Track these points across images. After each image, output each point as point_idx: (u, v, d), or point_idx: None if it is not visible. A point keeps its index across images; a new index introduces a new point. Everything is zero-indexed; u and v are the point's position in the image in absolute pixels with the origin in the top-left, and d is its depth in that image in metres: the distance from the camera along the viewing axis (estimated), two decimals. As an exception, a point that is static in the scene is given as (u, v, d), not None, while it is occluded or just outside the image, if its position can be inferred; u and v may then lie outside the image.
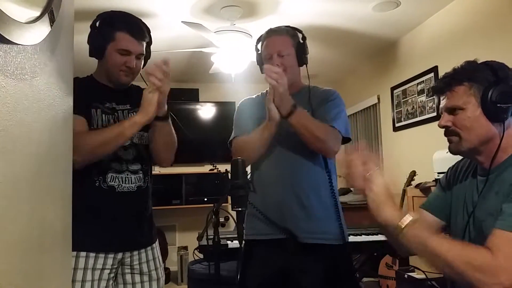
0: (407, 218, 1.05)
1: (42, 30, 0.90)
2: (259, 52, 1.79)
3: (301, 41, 1.74)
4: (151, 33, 1.63)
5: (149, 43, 1.62)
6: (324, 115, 1.65)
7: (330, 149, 1.63)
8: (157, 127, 1.54)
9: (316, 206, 1.63)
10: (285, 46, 1.70)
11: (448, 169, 1.34)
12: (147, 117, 1.43)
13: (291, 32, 1.74)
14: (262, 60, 1.76)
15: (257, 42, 1.81)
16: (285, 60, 1.68)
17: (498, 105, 1.08)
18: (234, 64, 3.38)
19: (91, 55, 1.54)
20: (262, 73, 1.81)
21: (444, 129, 1.19)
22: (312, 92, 1.72)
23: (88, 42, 1.54)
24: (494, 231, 1.00)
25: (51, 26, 0.94)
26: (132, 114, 1.60)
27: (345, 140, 1.68)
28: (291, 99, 1.54)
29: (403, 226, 1.05)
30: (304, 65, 1.74)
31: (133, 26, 1.55)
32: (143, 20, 1.61)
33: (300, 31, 1.77)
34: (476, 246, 1.01)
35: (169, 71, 1.42)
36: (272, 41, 1.72)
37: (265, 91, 1.86)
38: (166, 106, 1.51)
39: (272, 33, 1.74)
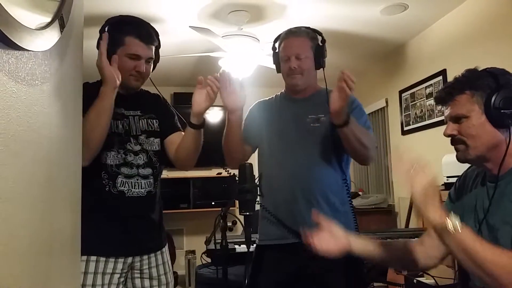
0: (457, 220, 1.00)
1: (52, 36, 0.91)
2: (276, 51, 1.76)
3: (320, 44, 1.72)
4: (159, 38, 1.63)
5: (158, 47, 1.63)
6: None
7: (371, 157, 1.62)
8: (193, 134, 1.56)
9: (327, 212, 1.59)
10: (304, 48, 1.67)
11: (456, 180, 1.33)
12: (111, 84, 1.43)
13: (311, 34, 1.72)
14: (278, 60, 1.74)
15: (275, 42, 1.78)
16: (302, 63, 1.66)
17: (502, 111, 1.08)
18: (242, 69, 3.38)
19: None
20: (278, 72, 1.79)
21: (450, 138, 1.18)
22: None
23: (97, 48, 1.53)
24: None
25: (61, 32, 0.95)
26: (143, 121, 1.62)
27: None
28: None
29: (454, 228, 0.98)
30: (321, 68, 1.71)
31: (142, 30, 1.56)
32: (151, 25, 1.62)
33: (320, 33, 1.73)
34: None
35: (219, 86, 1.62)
36: (291, 43, 1.69)
37: (279, 93, 1.84)
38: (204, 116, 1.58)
39: (291, 34, 1.71)
